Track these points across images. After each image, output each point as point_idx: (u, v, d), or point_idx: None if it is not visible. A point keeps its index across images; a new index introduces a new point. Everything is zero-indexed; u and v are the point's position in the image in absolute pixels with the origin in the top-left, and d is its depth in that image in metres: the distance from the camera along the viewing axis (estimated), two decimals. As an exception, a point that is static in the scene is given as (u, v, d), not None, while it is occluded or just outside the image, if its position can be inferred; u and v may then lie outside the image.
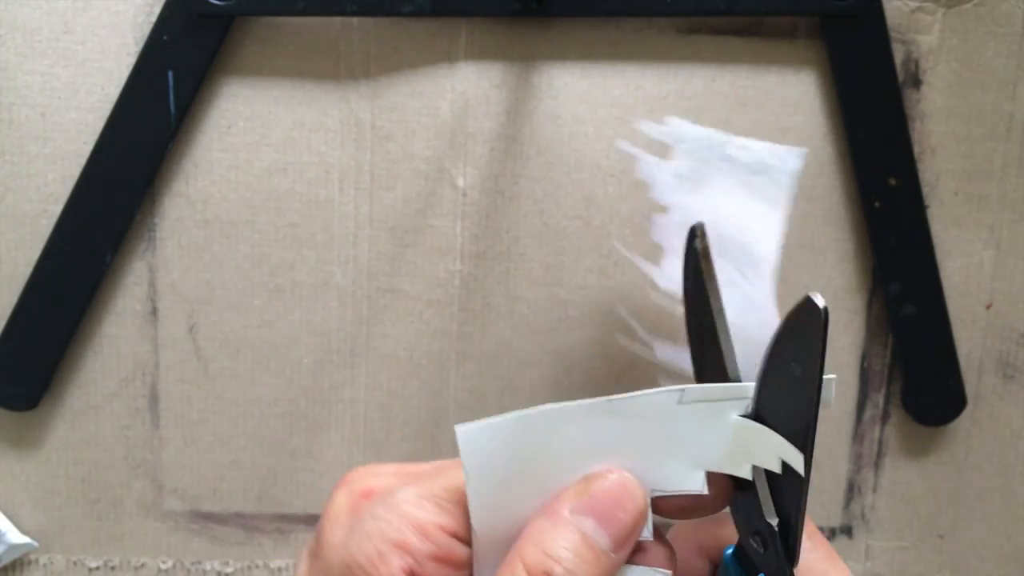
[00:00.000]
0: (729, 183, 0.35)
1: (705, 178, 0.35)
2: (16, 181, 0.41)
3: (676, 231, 0.35)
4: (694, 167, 0.35)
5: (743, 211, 0.35)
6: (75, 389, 0.43)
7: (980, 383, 0.45)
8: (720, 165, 0.35)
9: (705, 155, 0.35)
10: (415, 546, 0.25)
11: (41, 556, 0.44)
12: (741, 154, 0.35)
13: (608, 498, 0.25)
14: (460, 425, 0.25)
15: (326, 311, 0.43)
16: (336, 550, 0.25)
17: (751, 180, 0.35)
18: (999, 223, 0.43)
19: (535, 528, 0.25)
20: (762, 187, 0.35)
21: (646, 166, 0.36)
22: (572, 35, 0.41)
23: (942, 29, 0.41)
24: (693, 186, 0.35)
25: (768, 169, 0.35)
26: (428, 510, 0.25)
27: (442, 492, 0.26)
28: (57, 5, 0.40)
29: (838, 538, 0.46)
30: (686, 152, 0.36)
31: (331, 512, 0.27)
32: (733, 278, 0.34)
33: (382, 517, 0.25)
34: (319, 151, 0.41)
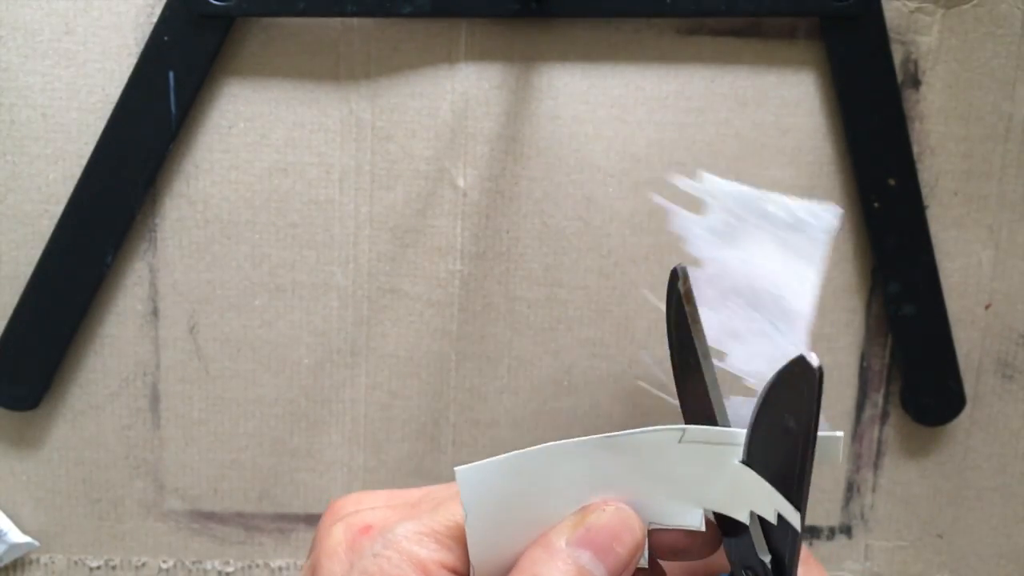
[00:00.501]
0: (764, 239, 0.35)
1: (740, 233, 0.35)
2: (17, 181, 0.41)
3: (709, 283, 0.35)
4: (728, 223, 0.35)
5: (778, 267, 0.34)
6: (76, 389, 0.43)
7: (979, 383, 0.45)
8: (755, 221, 0.35)
9: (739, 211, 0.35)
10: None
11: (42, 556, 0.44)
12: (776, 211, 0.35)
13: (605, 531, 0.25)
14: (460, 467, 0.25)
15: (326, 311, 0.43)
16: None
17: (786, 237, 0.35)
18: (998, 223, 0.43)
19: (531, 559, 0.25)
20: (798, 244, 0.34)
21: (680, 220, 0.36)
22: (572, 36, 0.41)
23: (941, 30, 0.41)
24: (727, 241, 0.35)
25: (804, 226, 0.34)
26: (428, 547, 0.25)
27: (441, 528, 0.26)
28: (58, 6, 0.40)
29: (837, 538, 0.46)
30: (720, 208, 0.35)
31: (328, 547, 0.26)
32: (765, 330, 0.34)
33: (382, 554, 0.25)
34: (320, 151, 0.41)
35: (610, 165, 0.42)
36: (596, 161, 0.42)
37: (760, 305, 0.34)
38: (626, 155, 0.42)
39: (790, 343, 0.34)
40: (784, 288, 0.34)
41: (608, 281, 0.43)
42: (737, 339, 0.34)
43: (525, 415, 0.44)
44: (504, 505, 0.26)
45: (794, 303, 0.34)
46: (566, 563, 0.24)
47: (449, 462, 0.45)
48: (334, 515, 0.28)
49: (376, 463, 0.44)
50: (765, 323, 0.34)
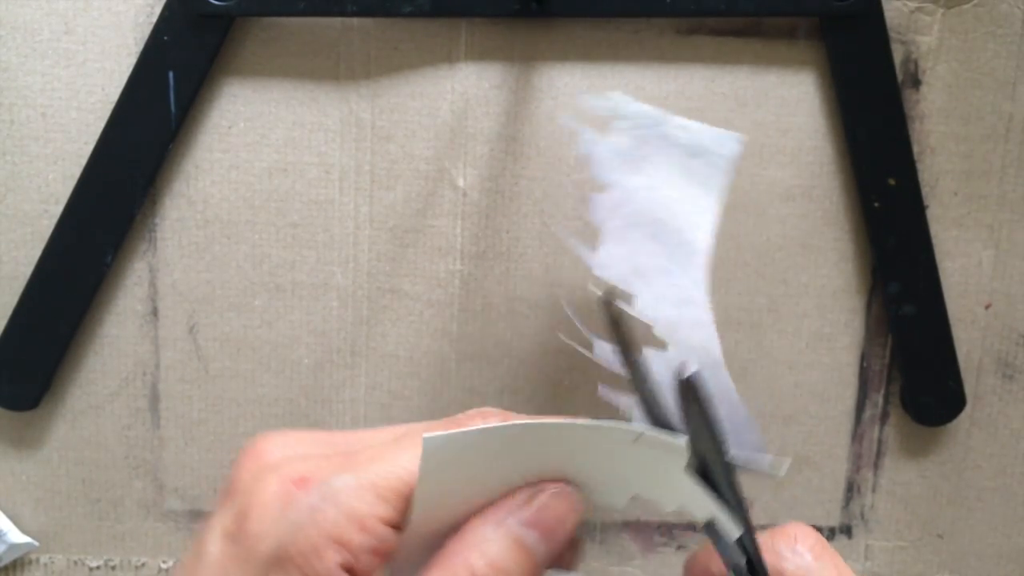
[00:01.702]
0: (666, 164, 0.34)
1: (643, 157, 0.34)
2: (17, 181, 0.41)
3: (613, 211, 0.34)
4: (633, 145, 0.34)
5: (679, 194, 0.34)
6: (76, 389, 0.43)
7: (979, 383, 0.45)
8: (658, 144, 0.34)
9: (643, 133, 0.34)
10: (354, 540, 0.24)
11: (42, 556, 0.44)
12: (679, 134, 0.34)
13: (552, 513, 0.25)
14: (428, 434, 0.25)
15: (326, 311, 0.43)
16: (265, 540, 0.24)
17: (688, 162, 0.34)
18: (998, 223, 0.43)
19: (477, 532, 0.25)
20: (699, 170, 0.34)
21: (586, 142, 0.35)
22: (572, 36, 0.41)
23: (941, 29, 0.41)
24: (632, 165, 0.34)
25: (705, 152, 0.34)
26: (368, 501, 0.24)
27: (381, 481, 0.25)
28: (58, 5, 0.40)
29: (837, 538, 0.46)
30: (625, 129, 0.34)
31: (259, 498, 0.25)
32: (667, 268, 0.33)
33: (320, 508, 0.24)
34: (319, 151, 0.41)
35: (610, 165, 0.42)
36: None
37: (661, 237, 0.33)
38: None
39: (689, 282, 0.33)
40: (683, 218, 0.33)
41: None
42: (642, 277, 0.33)
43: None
44: (460, 474, 0.25)
45: (692, 235, 0.33)
46: (513, 540, 0.25)
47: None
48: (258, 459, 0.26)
49: (376, 463, 0.44)
50: (664, 258, 0.33)
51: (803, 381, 0.44)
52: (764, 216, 0.42)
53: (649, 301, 0.32)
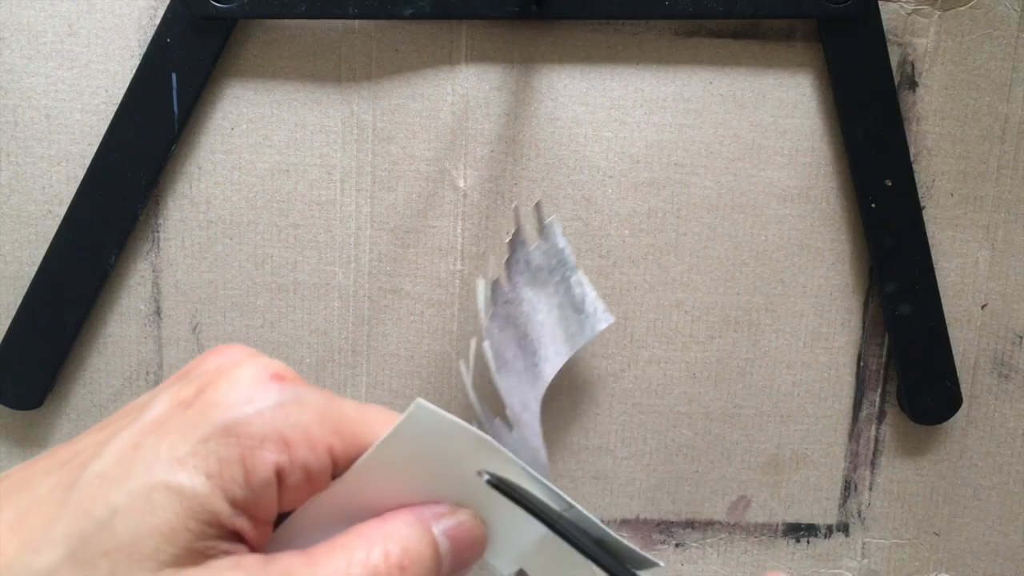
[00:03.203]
0: (553, 302, 0.40)
1: (542, 283, 0.40)
2: (21, 182, 0.41)
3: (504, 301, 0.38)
4: (541, 267, 0.40)
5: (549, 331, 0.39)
6: (79, 388, 0.43)
7: (975, 382, 0.45)
8: (557, 284, 0.40)
9: (554, 266, 0.40)
10: (298, 452, 0.24)
11: (46, 553, 0.45)
12: (575, 288, 0.40)
13: (469, 535, 0.26)
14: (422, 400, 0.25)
15: (328, 311, 0.43)
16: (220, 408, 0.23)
17: (568, 312, 0.40)
18: (994, 224, 0.43)
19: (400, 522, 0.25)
20: (571, 324, 0.40)
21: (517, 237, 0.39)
22: (571, 38, 0.41)
23: (938, 32, 0.42)
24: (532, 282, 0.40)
25: (585, 314, 0.40)
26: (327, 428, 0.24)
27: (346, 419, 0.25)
28: (61, 8, 0.40)
29: (835, 536, 0.46)
30: (543, 252, 0.40)
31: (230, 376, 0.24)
32: (520, 371, 0.38)
33: (283, 405, 0.24)
34: (321, 152, 0.42)
35: (609, 166, 0.42)
36: (595, 162, 0.42)
37: (526, 348, 0.38)
38: (625, 156, 0.42)
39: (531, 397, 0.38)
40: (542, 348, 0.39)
41: (607, 281, 0.43)
42: (505, 366, 0.37)
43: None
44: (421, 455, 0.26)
45: (543, 365, 0.39)
46: (430, 542, 0.25)
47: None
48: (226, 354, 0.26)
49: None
50: (521, 366, 0.38)
51: (800, 380, 0.44)
52: (762, 217, 0.43)
53: (504, 388, 0.36)
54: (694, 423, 0.44)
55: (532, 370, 0.38)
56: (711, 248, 0.43)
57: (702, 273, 0.43)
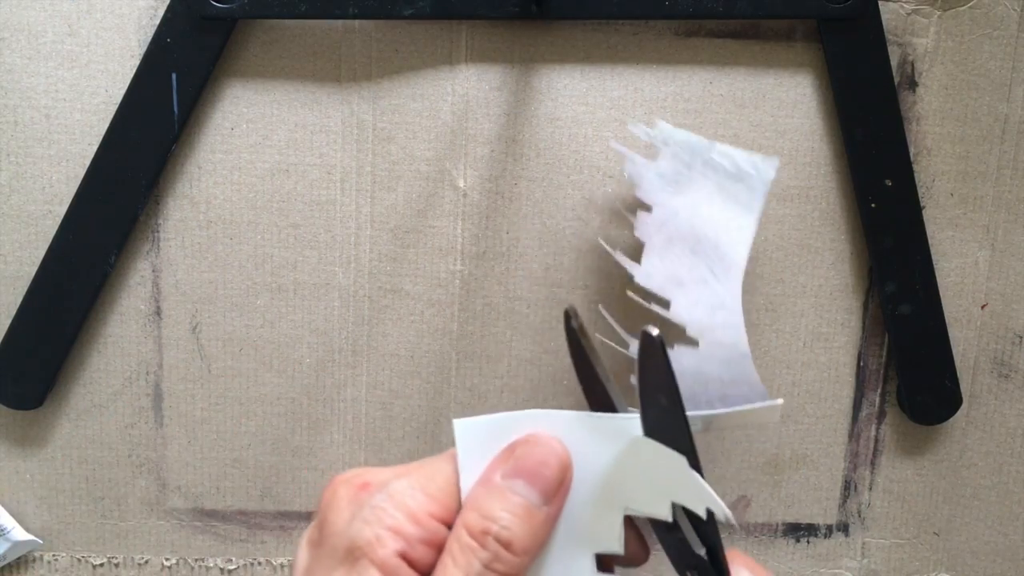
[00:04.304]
0: (709, 187, 0.37)
1: (687, 181, 0.37)
2: (21, 182, 0.41)
3: (658, 229, 0.37)
4: (678, 170, 0.37)
5: (720, 215, 0.37)
6: (79, 388, 0.43)
7: (975, 382, 0.45)
8: (702, 169, 0.37)
9: (688, 159, 0.37)
10: (408, 531, 0.27)
11: (45, 553, 0.45)
12: (722, 160, 0.37)
13: (531, 459, 0.28)
14: (457, 420, 0.28)
15: (328, 311, 0.43)
16: (339, 536, 0.28)
17: (729, 186, 0.37)
18: (994, 224, 0.44)
19: (473, 496, 0.28)
20: (739, 193, 0.37)
21: (633, 165, 0.38)
22: (571, 38, 0.41)
23: (938, 32, 0.42)
24: (676, 187, 0.37)
25: (745, 176, 0.37)
26: (419, 500, 0.28)
27: (431, 483, 0.28)
28: (62, 8, 0.40)
29: (835, 535, 0.46)
30: (671, 155, 0.37)
31: (333, 503, 0.29)
32: (704, 277, 0.36)
33: (379, 505, 0.28)
34: (321, 152, 0.42)
35: (609, 166, 0.42)
36: (595, 162, 0.42)
37: (701, 251, 0.36)
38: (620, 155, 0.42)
39: (725, 291, 0.36)
40: (723, 235, 0.36)
41: (608, 281, 0.43)
42: (680, 286, 0.36)
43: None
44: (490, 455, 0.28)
45: (731, 251, 0.36)
46: (502, 493, 0.28)
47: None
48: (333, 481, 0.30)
49: (377, 461, 0.44)
50: (704, 270, 0.36)
51: (800, 380, 0.45)
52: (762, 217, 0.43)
53: (684, 306, 0.35)
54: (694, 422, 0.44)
55: (721, 263, 0.36)
56: (711, 248, 0.43)
57: (702, 273, 0.43)
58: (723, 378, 0.35)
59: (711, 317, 0.35)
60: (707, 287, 0.36)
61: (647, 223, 0.37)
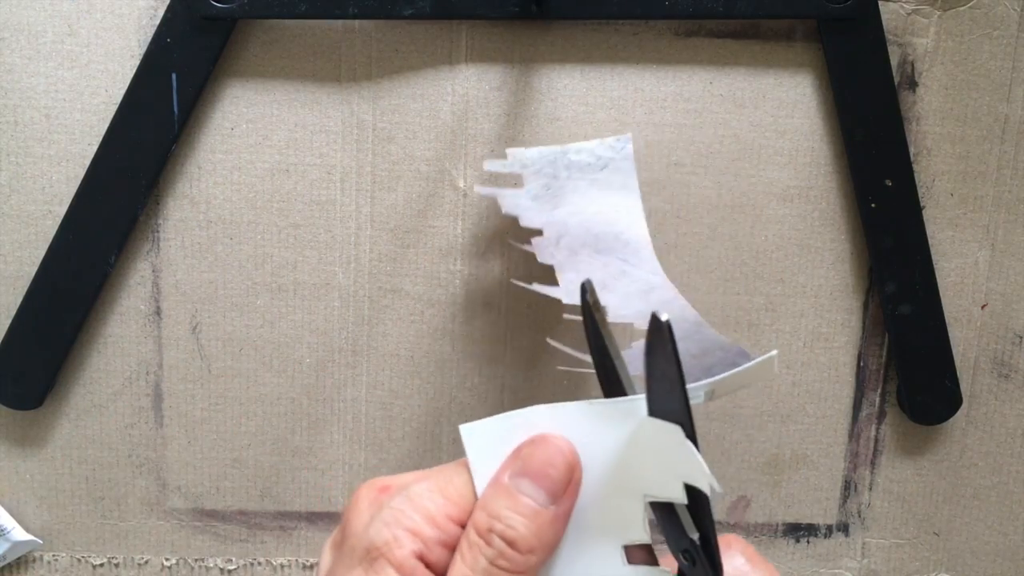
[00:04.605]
0: (582, 186, 0.38)
1: (559, 191, 0.38)
2: (21, 182, 0.41)
3: (556, 246, 0.37)
4: (546, 184, 0.38)
5: (604, 207, 0.37)
6: (79, 388, 0.43)
7: (975, 382, 0.45)
8: (567, 174, 0.38)
9: (551, 170, 0.38)
10: (426, 532, 0.28)
11: (45, 553, 0.45)
12: (580, 157, 0.38)
13: (538, 459, 0.28)
14: (463, 424, 0.29)
15: (328, 311, 0.43)
16: (359, 537, 0.28)
17: (598, 176, 0.37)
18: (994, 224, 0.44)
19: (483, 496, 0.29)
20: (610, 178, 0.37)
21: (506, 200, 0.38)
22: (571, 38, 0.41)
23: (938, 32, 0.42)
24: (553, 202, 0.38)
25: (608, 161, 0.37)
26: (437, 502, 0.28)
27: (449, 486, 0.29)
28: (61, 8, 0.40)
29: (835, 536, 0.46)
30: (534, 174, 0.38)
31: (354, 505, 0.30)
32: (621, 269, 0.36)
33: (398, 507, 0.28)
34: (321, 152, 0.42)
35: (609, 166, 0.42)
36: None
37: (605, 248, 0.36)
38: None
39: (645, 272, 0.36)
40: (617, 224, 0.37)
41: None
42: (605, 288, 0.36)
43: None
44: (500, 455, 0.29)
45: (630, 233, 0.36)
46: (509, 493, 0.28)
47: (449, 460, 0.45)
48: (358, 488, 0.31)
49: (377, 461, 0.44)
50: (618, 262, 0.36)
51: (800, 380, 0.45)
52: (761, 217, 0.43)
53: (618, 305, 0.35)
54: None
55: (628, 249, 0.37)
56: (711, 248, 0.43)
57: (702, 273, 0.43)
58: (693, 352, 0.34)
59: (647, 301, 0.35)
60: (628, 277, 0.36)
61: (545, 246, 0.37)
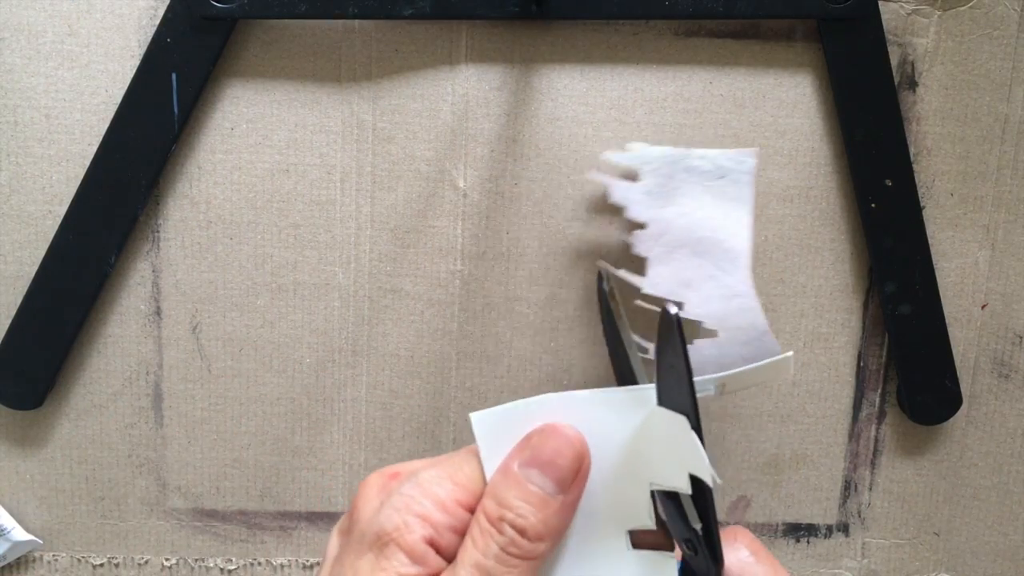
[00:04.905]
0: (695, 191, 0.38)
1: (673, 191, 0.38)
2: (21, 182, 0.41)
3: (656, 242, 0.38)
4: (661, 183, 0.38)
5: (713, 213, 0.38)
6: (79, 388, 0.43)
7: (975, 382, 0.45)
8: (684, 177, 0.38)
9: (669, 171, 0.39)
10: (436, 518, 0.28)
11: (45, 553, 0.45)
12: (701, 164, 0.38)
13: (547, 449, 0.29)
14: (473, 413, 0.30)
15: (328, 311, 0.43)
16: (368, 523, 0.29)
17: (714, 185, 0.38)
18: (994, 224, 0.44)
19: (492, 484, 0.29)
20: (725, 188, 0.38)
21: (618, 190, 0.39)
22: (571, 38, 0.41)
23: (938, 32, 0.42)
24: (664, 200, 0.38)
25: (727, 172, 0.38)
26: (447, 488, 0.29)
27: (459, 472, 0.29)
28: (61, 8, 0.40)
29: (835, 536, 0.46)
30: (651, 171, 0.39)
31: (363, 492, 0.30)
32: (712, 273, 0.37)
33: (407, 493, 0.29)
34: (321, 153, 0.42)
35: (609, 166, 0.42)
36: (595, 162, 0.42)
37: (704, 252, 0.37)
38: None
39: (736, 281, 0.37)
40: (721, 231, 0.38)
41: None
42: (689, 287, 0.37)
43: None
44: (509, 443, 0.29)
45: (732, 243, 0.38)
46: (519, 482, 0.28)
47: (449, 461, 0.45)
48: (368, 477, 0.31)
49: (377, 461, 0.44)
50: (711, 267, 0.37)
51: (800, 380, 0.45)
52: (762, 217, 0.43)
53: (696, 303, 0.36)
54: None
55: (725, 256, 0.38)
56: (711, 248, 0.43)
57: (702, 273, 0.43)
58: (745, 356, 0.36)
59: (727, 306, 0.36)
60: (716, 281, 0.37)
61: (644, 239, 0.38)
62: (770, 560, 0.32)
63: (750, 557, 0.31)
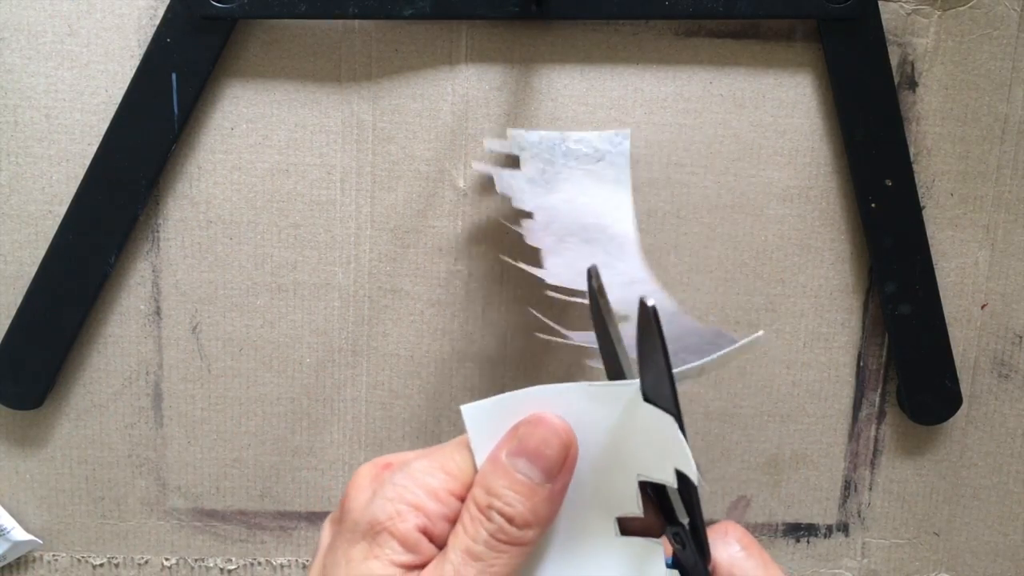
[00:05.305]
0: (576, 176, 0.38)
1: (554, 177, 0.38)
2: (21, 182, 0.41)
3: (545, 231, 0.38)
4: (542, 169, 0.38)
5: (595, 199, 0.38)
6: (79, 388, 0.43)
7: (975, 382, 0.45)
8: (564, 161, 0.38)
9: (548, 155, 0.39)
10: (428, 507, 0.28)
11: (45, 553, 0.45)
12: (578, 146, 0.38)
13: (534, 438, 0.29)
14: (464, 405, 0.30)
15: (328, 311, 0.43)
16: (361, 512, 0.29)
17: (593, 168, 0.38)
18: (994, 224, 0.44)
19: (481, 473, 0.29)
20: (604, 172, 0.38)
21: (501, 180, 0.39)
22: (571, 38, 0.41)
23: (938, 32, 0.42)
24: (546, 187, 0.38)
25: (604, 154, 0.38)
26: (440, 478, 0.29)
27: (450, 462, 0.30)
28: (61, 8, 0.40)
29: (835, 536, 0.46)
30: (532, 157, 0.39)
31: (355, 482, 0.30)
32: (604, 261, 0.37)
33: (400, 483, 0.29)
34: (321, 153, 0.42)
35: (609, 166, 0.42)
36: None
37: (592, 239, 0.37)
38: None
39: (628, 267, 0.37)
40: (606, 217, 0.37)
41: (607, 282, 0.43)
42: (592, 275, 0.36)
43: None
44: (499, 434, 0.30)
45: (618, 228, 0.37)
46: (507, 471, 0.29)
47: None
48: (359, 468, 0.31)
49: (377, 461, 0.45)
50: (602, 254, 0.37)
51: (800, 380, 0.45)
52: (762, 217, 0.43)
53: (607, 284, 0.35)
54: (694, 423, 0.44)
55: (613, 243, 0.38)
56: (711, 248, 0.43)
57: (702, 273, 0.43)
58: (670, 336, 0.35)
59: (628, 292, 0.36)
60: (611, 268, 0.37)
61: (533, 229, 0.38)
62: (761, 555, 0.32)
63: (741, 552, 0.31)
